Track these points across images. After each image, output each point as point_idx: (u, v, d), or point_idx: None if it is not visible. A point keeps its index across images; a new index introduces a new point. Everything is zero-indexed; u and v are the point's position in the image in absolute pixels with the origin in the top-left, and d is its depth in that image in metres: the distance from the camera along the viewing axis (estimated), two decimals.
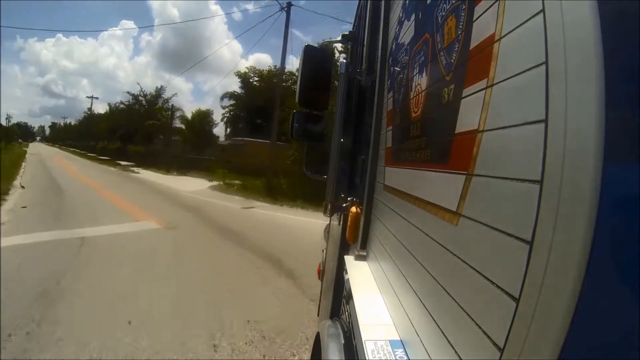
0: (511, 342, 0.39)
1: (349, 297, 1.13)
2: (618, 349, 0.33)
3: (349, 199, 1.60)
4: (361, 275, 1.20)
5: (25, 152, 40.34)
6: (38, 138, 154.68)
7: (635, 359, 0.32)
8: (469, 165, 0.55)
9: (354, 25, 1.98)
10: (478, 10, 0.57)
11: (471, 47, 0.59)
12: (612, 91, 0.31)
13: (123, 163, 27.14)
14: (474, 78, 0.56)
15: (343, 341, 1.16)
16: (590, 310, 0.32)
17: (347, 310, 1.21)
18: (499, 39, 0.49)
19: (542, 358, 0.35)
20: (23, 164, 20.92)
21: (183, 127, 28.00)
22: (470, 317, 0.49)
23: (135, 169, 22.54)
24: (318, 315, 2.19)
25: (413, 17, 0.99)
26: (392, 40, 1.25)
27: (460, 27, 0.64)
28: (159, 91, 32.30)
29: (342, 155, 1.56)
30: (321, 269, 2.34)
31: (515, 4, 0.47)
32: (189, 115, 28.09)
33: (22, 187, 9.86)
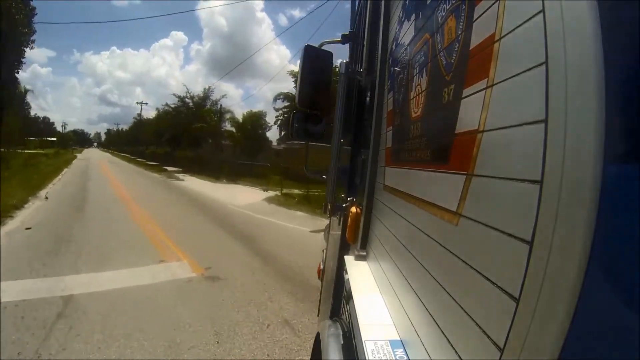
0: (511, 342, 0.39)
1: (349, 297, 1.13)
2: (618, 349, 0.33)
3: (349, 199, 1.61)
4: (361, 275, 1.20)
5: (75, 157, 40.82)
6: (95, 144, 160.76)
7: (635, 359, 0.32)
8: (469, 165, 0.55)
9: (354, 25, 1.98)
10: (478, 10, 0.57)
11: (471, 47, 0.59)
12: (611, 91, 0.31)
13: (170, 169, 25.22)
14: (474, 78, 0.56)
15: (343, 341, 1.16)
16: (590, 310, 0.32)
17: (347, 310, 1.21)
18: (499, 39, 0.49)
19: (542, 358, 0.35)
20: (66, 169, 20.46)
21: (233, 130, 26.12)
22: (470, 317, 0.49)
23: (181, 176, 20.35)
24: (318, 315, 2.19)
25: (413, 17, 0.99)
26: (392, 40, 1.25)
27: (460, 27, 0.64)
28: (207, 92, 29.24)
29: (342, 156, 1.57)
30: (321, 269, 2.34)
31: (515, 4, 0.47)
32: (239, 117, 26.19)
33: (46, 197, 8.84)
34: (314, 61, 1.57)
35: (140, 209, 8.39)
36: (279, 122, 24.82)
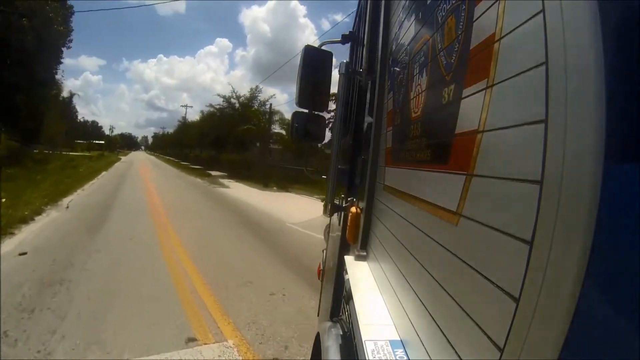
0: (511, 342, 0.39)
1: (349, 297, 1.13)
2: (618, 349, 0.33)
3: (349, 199, 1.61)
4: (361, 275, 1.20)
5: (119, 159, 40.43)
6: (142, 147, 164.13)
7: (635, 359, 0.32)
8: (469, 166, 0.55)
9: (354, 25, 1.98)
10: (478, 10, 0.57)
11: (471, 47, 0.59)
12: (611, 91, 0.31)
13: (213, 173, 23.31)
14: (474, 78, 0.56)
15: (343, 341, 1.16)
16: (590, 311, 0.32)
17: (347, 310, 1.21)
18: (499, 39, 0.49)
19: (542, 358, 0.35)
20: (104, 172, 19.42)
21: (283, 132, 22.92)
22: (470, 317, 0.49)
23: (226, 182, 18.10)
24: (318, 316, 2.19)
25: (413, 17, 0.99)
26: (392, 40, 1.25)
27: (460, 27, 0.64)
28: (254, 92, 26.18)
29: (342, 156, 1.57)
30: (321, 269, 2.34)
31: (515, 4, 0.47)
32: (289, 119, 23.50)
33: (67, 207, 7.71)
34: (314, 61, 1.57)
35: (173, 230, 6.35)
36: (330, 126, 22.46)
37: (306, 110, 1.66)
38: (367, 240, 1.30)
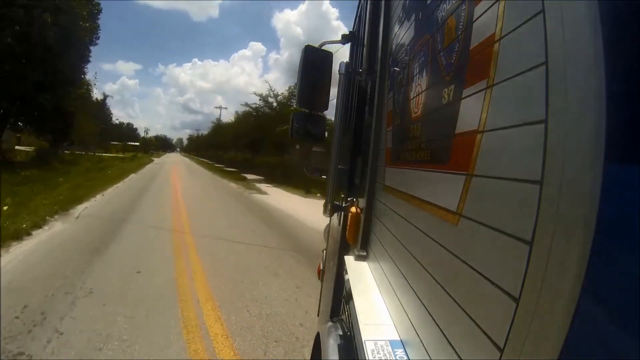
0: (511, 342, 0.39)
1: (349, 297, 1.13)
2: (618, 349, 0.33)
3: (349, 199, 1.60)
4: (361, 276, 1.20)
5: (151, 161, 38.95)
6: (177, 149, 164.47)
7: (635, 359, 0.32)
8: (469, 166, 0.55)
9: (354, 25, 1.98)
10: (478, 10, 0.57)
11: (471, 48, 0.59)
12: (612, 91, 0.31)
13: (249, 177, 21.11)
14: (474, 78, 0.56)
15: (343, 341, 1.16)
16: (590, 310, 0.32)
17: (347, 310, 1.21)
18: (499, 39, 0.49)
19: (542, 358, 0.35)
20: (133, 174, 17.75)
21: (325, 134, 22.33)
22: (470, 317, 0.49)
23: (264, 187, 15.82)
24: (318, 316, 2.19)
25: (413, 17, 0.99)
26: (392, 40, 1.25)
27: (460, 27, 0.64)
28: (293, 90, 22.49)
29: (342, 156, 1.56)
30: (321, 269, 2.34)
31: (515, 4, 0.47)
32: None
33: (77, 217, 6.55)
34: (314, 61, 1.57)
35: (199, 259, 4.57)
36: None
37: (306, 110, 1.66)
38: (367, 240, 1.30)
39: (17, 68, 14.19)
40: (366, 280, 1.16)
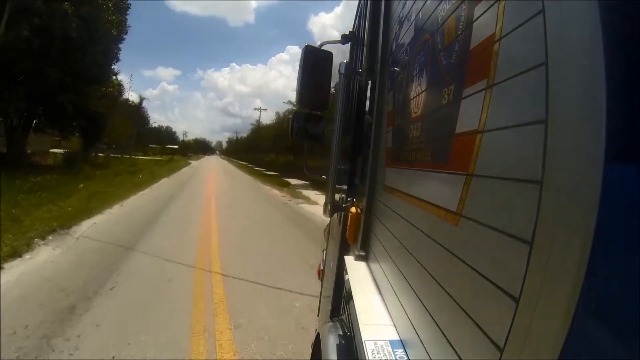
0: (511, 342, 0.39)
1: (349, 297, 1.13)
2: (618, 349, 0.33)
3: (349, 199, 1.61)
4: (361, 276, 1.20)
5: (188, 164, 37.03)
6: (217, 152, 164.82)
7: (635, 359, 0.32)
8: (469, 166, 0.55)
9: (354, 25, 1.98)
10: (478, 10, 0.57)
11: (471, 48, 0.59)
12: (612, 91, 0.31)
13: (294, 182, 18.63)
14: (474, 78, 0.56)
15: (343, 341, 1.16)
16: (590, 310, 0.32)
17: (347, 310, 1.21)
18: (499, 39, 0.49)
19: (542, 358, 0.35)
20: (164, 179, 16.08)
21: None
22: (470, 317, 0.49)
23: (312, 195, 13.35)
24: (318, 316, 2.19)
25: (413, 17, 0.99)
26: (392, 40, 1.25)
27: (460, 27, 0.64)
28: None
29: (342, 156, 1.56)
30: (321, 269, 2.35)
31: (515, 4, 0.47)
32: None
33: (77, 238, 5.17)
34: (314, 61, 1.57)
35: (231, 338, 2.71)
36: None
37: (306, 110, 1.66)
38: (367, 240, 1.30)
39: (35, 65, 12.72)
40: (366, 280, 1.16)
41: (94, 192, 9.36)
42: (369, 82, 1.43)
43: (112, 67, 19.47)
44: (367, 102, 1.46)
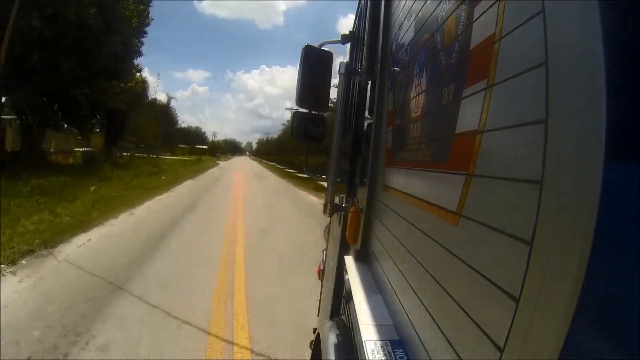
0: (511, 342, 0.39)
1: (349, 297, 1.13)
2: (618, 349, 0.33)
3: (349, 199, 1.61)
4: (361, 275, 1.20)
5: (216, 164, 35.42)
6: (247, 153, 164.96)
7: (635, 359, 0.32)
8: (469, 166, 0.55)
9: (354, 25, 1.98)
10: (478, 10, 0.57)
11: (471, 47, 0.59)
12: (612, 91, 0.31)
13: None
14: (474, 78, 0.56)
15: (343, 341, 1.16)
16: (590, 310, 0.32)
17: (347, 311, 1.21)
18: (499, 39, 0.49)
19: (542, 358, 0.35)
20: (188, 181, 14.67)
21: None
22: (470, 317, 0.49)
23: None
24: (318, 316, 2.19)
25: (413, 17, 0.99)
26: (392, 40, 1.25)
27: (460, 27, 0.64)
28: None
29: (342, 156, 1.57)
30: (321, 269, 2.35)
31: (515, 4, 0.47)
32: None
33: (59, 262, 4.08)
34: (314, 61, 1.57)
35: None
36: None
37: (306, 110, 1.66)
38: (367, 240, 1.30)
39: (47, 57, 11.45)
40: (366, 280, 1.16)
41: (103, 197, 8.32)
42: (369, 82, 1.43)
43: (134, 62, 17.96)
44: (367, 102, 1.45)
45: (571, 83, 0.35)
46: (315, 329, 1.67)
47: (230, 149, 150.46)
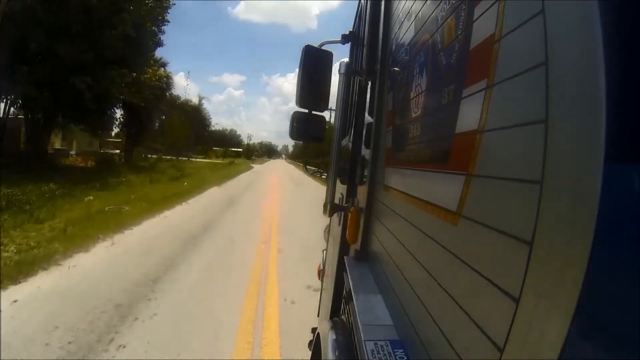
0: (511, 342, 0.39)
1: (349, 297, 1.13)
2: (618, 349, 0.33)
3: (349, 199, 1.61)
4: (361, 276, 1.20)
5: (250, 167, 31.82)
6: (283, 155, 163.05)
7: (635, 359, 0.32)
8: (469, 166, 0.55)
9: (354, 25, 1.98)
10: (478, 10, 0.57)
11: (471, 47, 0.59)
12: (612, 91, 0.31)
13: None
14: (474, 78, 0.56)
15: (343, 341, 1.16)
16: (591, 310, 0.32)
17: (347, 311, 1.21)
18: (499, 39, 0.49)
19: (542, 358, 0.35)
20: (213, 188, 12.75)
21: None
22: (470, 317, 0.49)
23: None
24: (318, 316, 2.19)
25: (413, 17, 0.99)
26: (392, 40, 1.25)
27: (460, 27, 0.64)
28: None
29: (342, 156, 1.57)
30: (321, 269, 2.35)
31: (515, 4, 0.47)
32: None
33: (38, 288, 3.26)
34: (314, 61, 1.57)
35: None
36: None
37: (306, 110, 1.66)
38: (367, 240, 1.30)
39: (45, 42, 9.85)
40: (366, 280, 1.16)
41: (90, 214, 6.34)
42: (369, 82, 1.43)
43: (154, 53, 15.61)
44: (367, 102, 1.46)
45: (571, 83, 0.35)
46: (315, 329, 1.67)
47: (266, 151, 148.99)
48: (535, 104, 0.39)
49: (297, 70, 1.57)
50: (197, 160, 34.87)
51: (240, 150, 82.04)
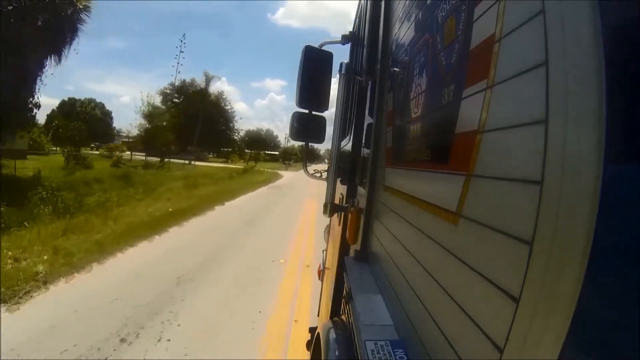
0: (511, 342, 0.39)
1: (349, 297, 1.13)
2: (618, 349, 0.33)
3: (349, 199, 1.61)
4: (361, 275, 1.20)
5: (277, 177, 23.93)
6: (326, 160, 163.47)
7: (635, 359, 0.32)
8: (469, 166, 0.55)
9: (354, 25, 1.99)
10: (478, 10, 0.57)
11: (471, 48, 0.59)
12: (612, 91, 0.31)
13: None
14: (474, 78, 0.56)
15: (343, 341, 1.16)
16: (591, 310, 0.32)
17: (347, 311, 1.21)
18: (499, 39, 0.49)
19: (542, 358, 0.35)
20: (226, 203, 10.10)
21: None
22: (470, 317, 0.49)
23: None
24: (318, 316, 2.19)
25: (413, 17, 0.99)
26: (392, 40, 1.25)
27: (460, 27, 0.64)
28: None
29: (342, 156, 1.57)
30: (321, 269, 2.35)
31: (515, 4, 0.47)
32: None
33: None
34: (314, 61, 1.57)
35: None
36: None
37: (306, 111, 1.66)
38: (367, 240, 1.30)
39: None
40: (366, 280, 1.16)
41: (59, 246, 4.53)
42: (369, 82, 1.43)
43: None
44: (367, 103, 1.46)
45: (571, 83, 0.35)
46: (315, 329, 1.67)
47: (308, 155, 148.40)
48: (535, 104, 0.39)
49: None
50: (213, 164, 27.26)
51: (277, 153, 73.83)
